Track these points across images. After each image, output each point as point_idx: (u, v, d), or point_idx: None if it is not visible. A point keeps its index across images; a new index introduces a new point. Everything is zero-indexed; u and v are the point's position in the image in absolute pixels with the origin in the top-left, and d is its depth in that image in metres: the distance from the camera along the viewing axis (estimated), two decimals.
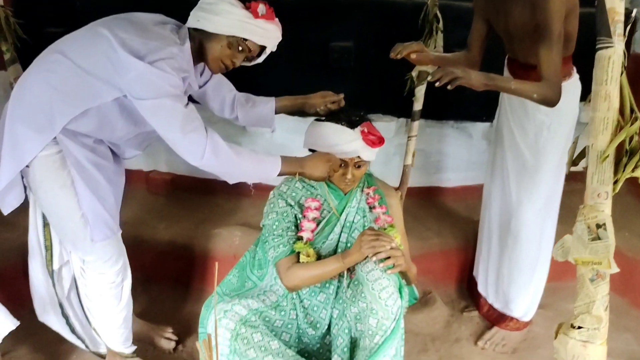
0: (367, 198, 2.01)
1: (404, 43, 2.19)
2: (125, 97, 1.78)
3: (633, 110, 1.23)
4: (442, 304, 2.81)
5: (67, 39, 1.85)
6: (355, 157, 1.90)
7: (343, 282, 1.90)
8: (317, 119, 2.01)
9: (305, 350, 1.92)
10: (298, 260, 1.87)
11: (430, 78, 1.85)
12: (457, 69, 1.84)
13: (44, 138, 1.79)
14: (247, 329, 1.73)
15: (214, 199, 3.26)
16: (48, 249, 2.05)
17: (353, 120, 1.92)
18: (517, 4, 2.02)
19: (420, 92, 2.82)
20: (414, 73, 2.81)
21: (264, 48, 1.91)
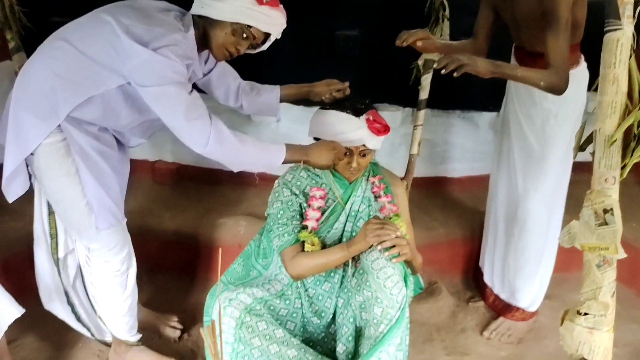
0: (372, 187, 2.00)
1: (410, 30, 2.17)
2: (129, 84, 1.77)
3: None
4: (447, 294, 2.81)
5: (70, 26, 1.84)
6: (361, 145, 1.89)
7: (348, 271, 1.89)
8: (322, 107, 2.00)
9: (310, 339, 1.92)
10: (303, 249, 1.87)
11: (436, 65, 1.83)
12: (463, 56, 1.82)
13: (48, 125, 1.78)
14: (252, 318, 1.73)
15: (220, 189, 3.26)
16: (53, 237, 2.06)
17: (358, 108, 1.91)
18: None
19: (426, 80, 2.80)
20: (420, 62, 2.79)
21: (269, 35, 1.89)
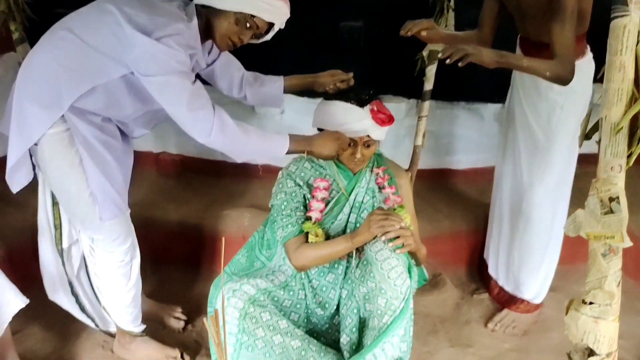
0: (376, 178, 1.99)
1: (415, 20, 2.16)
2: (133, 74, 1.77)
3: None
4: (452, 286, 2.80)
5: (74, 16, 1.84)
6: (365, 136, 1.88)
7: (352, 262, 1.89)
8: (326, 98, 2.00)
9: (314, 330, 1.92)
10: (307, 241, 1.86)
11: (441, 55, 1.82)
12: (468, 46, 1.81)
13: (52, 115, 1.78)
14: (255, 308, 1.73)
15: (224, 181, 3.25)
16: (57, 228, 2.06)
17: (362, 99, 1.90)
18: None
19: (431, 71, 2.79)
20: (425, 53, 2.77)
21: (272, 25, 1.88)
